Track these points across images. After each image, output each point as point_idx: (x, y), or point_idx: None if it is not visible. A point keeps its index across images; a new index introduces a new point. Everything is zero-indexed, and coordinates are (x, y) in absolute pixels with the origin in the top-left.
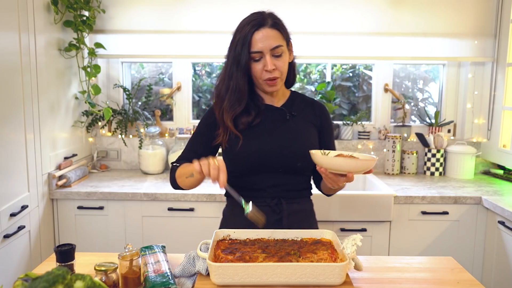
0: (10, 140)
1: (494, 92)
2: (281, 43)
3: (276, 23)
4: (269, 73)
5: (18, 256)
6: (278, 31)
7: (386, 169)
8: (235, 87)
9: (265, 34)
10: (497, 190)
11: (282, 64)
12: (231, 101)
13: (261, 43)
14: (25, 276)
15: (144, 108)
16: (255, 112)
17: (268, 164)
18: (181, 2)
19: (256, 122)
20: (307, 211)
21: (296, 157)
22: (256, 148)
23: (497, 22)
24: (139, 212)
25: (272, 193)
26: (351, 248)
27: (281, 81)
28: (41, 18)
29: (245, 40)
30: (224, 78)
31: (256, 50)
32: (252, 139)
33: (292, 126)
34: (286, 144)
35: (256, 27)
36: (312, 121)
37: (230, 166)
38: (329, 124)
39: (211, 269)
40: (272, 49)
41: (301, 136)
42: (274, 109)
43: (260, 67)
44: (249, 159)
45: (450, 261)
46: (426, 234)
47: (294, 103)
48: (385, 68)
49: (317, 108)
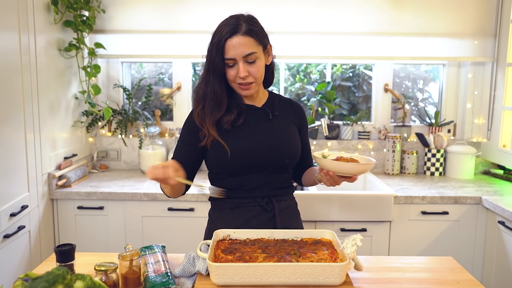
0: (10, 140)
1: (494, 92)
2: (254, 50)
3: (250, 30)
4: (242, 79)
5: (18, 256)
6: (252, 37)
7: (386, 169)
8: (213, 93)
9: (237, 42)
10: (497, 190)
11: (256, 70)
12: (210, 106)
13: (233, 51)
14: (25, 276)
15: (144, 108)
16: (237, 111)
17: (257, 163)
18: (181, 2)
19: (240, 122)
20: (293, 207)
21: (284, 155)
22: (247, 148)
23: (497, 22)
24: (139, 212)
25: (261, 192)
26: (351, 248)
27: (256, 85)
28: (41, 18)
29: (218, 46)
30: (202, 83)
31: (229, 57)
32: (240, 139)
33: (277, 125)
34: (275, 142)
35: (229, 34)
36: (292, 120)
37: (218, 168)
38: (306, 122)
39: (211, 269)
40: (244, 56)
41: (286, 135)
42: (256, 109)
43: (234, 73)
44: (239, 160)
45: (450, 261)
46: (426, 234)
47: (274, 103)
48: (385, 68)
49: (295, 108)
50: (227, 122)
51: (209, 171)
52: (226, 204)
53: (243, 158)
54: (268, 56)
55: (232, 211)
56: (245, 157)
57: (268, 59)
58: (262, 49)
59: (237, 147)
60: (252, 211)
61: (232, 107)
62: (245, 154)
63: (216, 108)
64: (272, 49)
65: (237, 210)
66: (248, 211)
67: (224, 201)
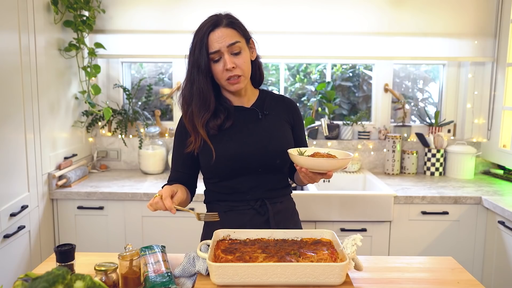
0: (10, 140)
1: (494, 92)
2: (238, 40)
3: (231, 22)
4: (229, 72)
5: (18, 256)
6: (234, 29)
7: (386, 169)
8: (199, 91)
9: (220, 34)
10: (497, 190)
11: (242, 61)
12: (198, 106)
13: (217, 43)
14: (25, 276)
15: (144, 108)
16: (224, 115)
17: (247, 165)
18: (181, 2)
19: (228, 125)
20: (291, 209)
21: (274, 155)
22: (233, 151)
23: (497, 22)
24: (139, 212)
25: (254, 195)
26: (351, 248)
27: (245, 79)
28: (41, 18)
29: (202, 42)
30: (187, 84)
31: (213, 51)
32: (228, 142)
33: (266, 125)
34: (263, 143)
35: (211, 27)
36: (285, 117)
37: (208, 173)
38: (300, 119)
39: (211, 269)
40: (229, 46)
41: (276, 134)
42: (245, 110)
43: (221, 67)
44: (228, 163)
45: (450, 261)
46: (426, 234)
47: (264, 102)
48: (385, 68)
49: (287, 104)
50: (213, 128)
51: (203, 175)
52: (220, 208)
53: (230, 161)
54: (252, 51)
55: (226, 214)
56: (233, 161)
57: (252, 55)
58: (245, 42)
59: (223, 151)
60: (246, 215)
61: (219, 112)
62: (232, 158)
63: (203, 107)
64: (256, 45)
65: (231, 213)
66: (241, 215)
67: (218, 204)
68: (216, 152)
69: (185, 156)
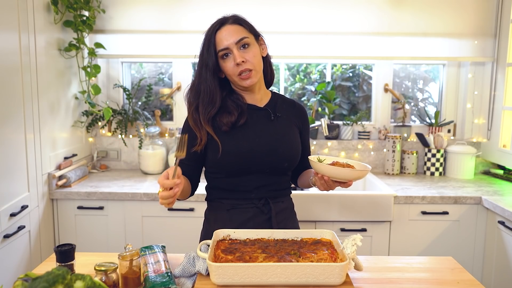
0: (10, 140)
1: (494, 92)
2: (246, 35)
3: (238, 19)
4: (240, 66)
5: (18, 256)
6: (241, 25)
7: (386, 169)
8: (206, 88)
9: (227, 31)
10: (497, 190)
11: (251, 55)
12: (204, 103)
13: (225, 40)
14: (25, 276)
15: (144, 108)
16: (238, 112)
17: (256, 165)
18: (181, 2)
19: (242, 122)
20: (290, 209)
21: (283, 158)
22: (246, 149)
23: (497, 22)
24: (139, 212)
25: (258, 194)
26: (351, 248)
27: (257, 73)
28: (41, 18)
29: (210, 42)
30: (195, 84)
31: (222, 48)
32: (241, 140)
33: (278, 127)
34: (274, 145)
35: (218, 26)
36: (294, 122)
37: (214, 168)
38: (308, 125)
39: (211, 269)
40: (237, 42)
41: (287, 137)
42: (258, 109)
43: (231, 63)
44: (238, 160)
45: (450, 261)
46: (426, 234)
47: (276, 104)
48: (385, 68)
49: (298, 110)
50: (226, 124)
51: (207, 170)
52: (223, 205)
53: (241, 158)
54: (262, 48)
55: (228, 212)
56: (244, 158)
57: (263, 51)
58: (254, 38)
59: (235, 147)
60: (248, 213)
61: (233, 109)
62: (243, 155)
63: (210, 104)
64: (266, 42)
65: (233, 211)
66: (244, 213)
67: (221, 202)
68: (227, 147)
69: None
